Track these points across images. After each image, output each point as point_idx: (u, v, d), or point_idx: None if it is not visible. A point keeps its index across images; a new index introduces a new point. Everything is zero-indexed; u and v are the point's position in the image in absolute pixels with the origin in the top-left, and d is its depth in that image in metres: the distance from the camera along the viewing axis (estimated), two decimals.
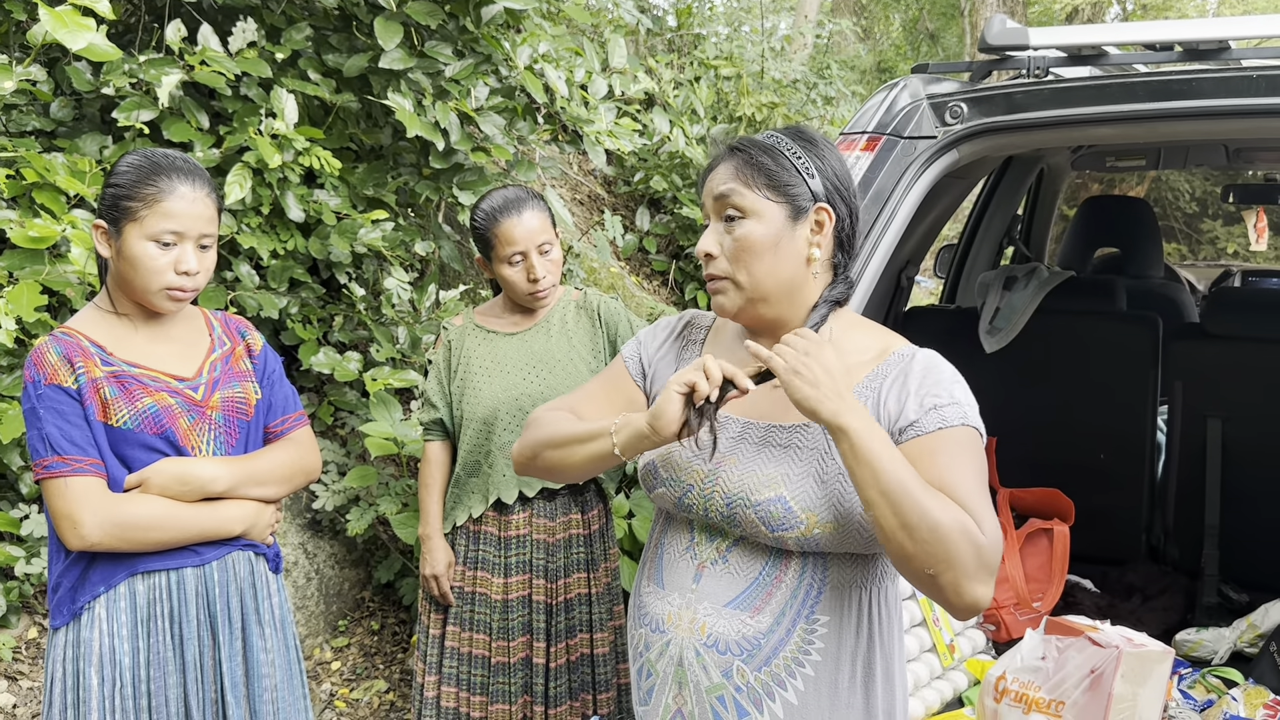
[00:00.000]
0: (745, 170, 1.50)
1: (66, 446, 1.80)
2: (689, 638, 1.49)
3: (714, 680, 1.47)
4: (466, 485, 2.58)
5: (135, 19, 3.57)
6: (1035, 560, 2.72)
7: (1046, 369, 3.08)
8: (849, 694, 1.47)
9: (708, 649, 1.48)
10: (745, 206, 1.48)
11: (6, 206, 2.93)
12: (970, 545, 1.30)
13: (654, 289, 6.17)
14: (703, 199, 1.55)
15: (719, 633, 1.47)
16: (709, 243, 1.51)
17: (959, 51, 17.27)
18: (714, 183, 1.52)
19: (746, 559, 1.48)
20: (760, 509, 1.44)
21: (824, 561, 1.46)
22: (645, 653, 1.57)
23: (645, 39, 7.07)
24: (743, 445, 1.51)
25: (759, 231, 1.48)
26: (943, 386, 1.43)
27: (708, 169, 1.55)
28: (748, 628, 1.46)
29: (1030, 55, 2.32)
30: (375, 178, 3.71)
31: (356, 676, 3.58)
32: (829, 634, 1.45)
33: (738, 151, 1.52)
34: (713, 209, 1.52)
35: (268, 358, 2.09)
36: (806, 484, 1.43)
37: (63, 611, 1.87)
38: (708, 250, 1.51)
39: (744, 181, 1.49)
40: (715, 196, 1.51)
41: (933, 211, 2.73)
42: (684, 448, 1.52)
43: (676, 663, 1.51)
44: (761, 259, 1.48)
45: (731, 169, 1.51)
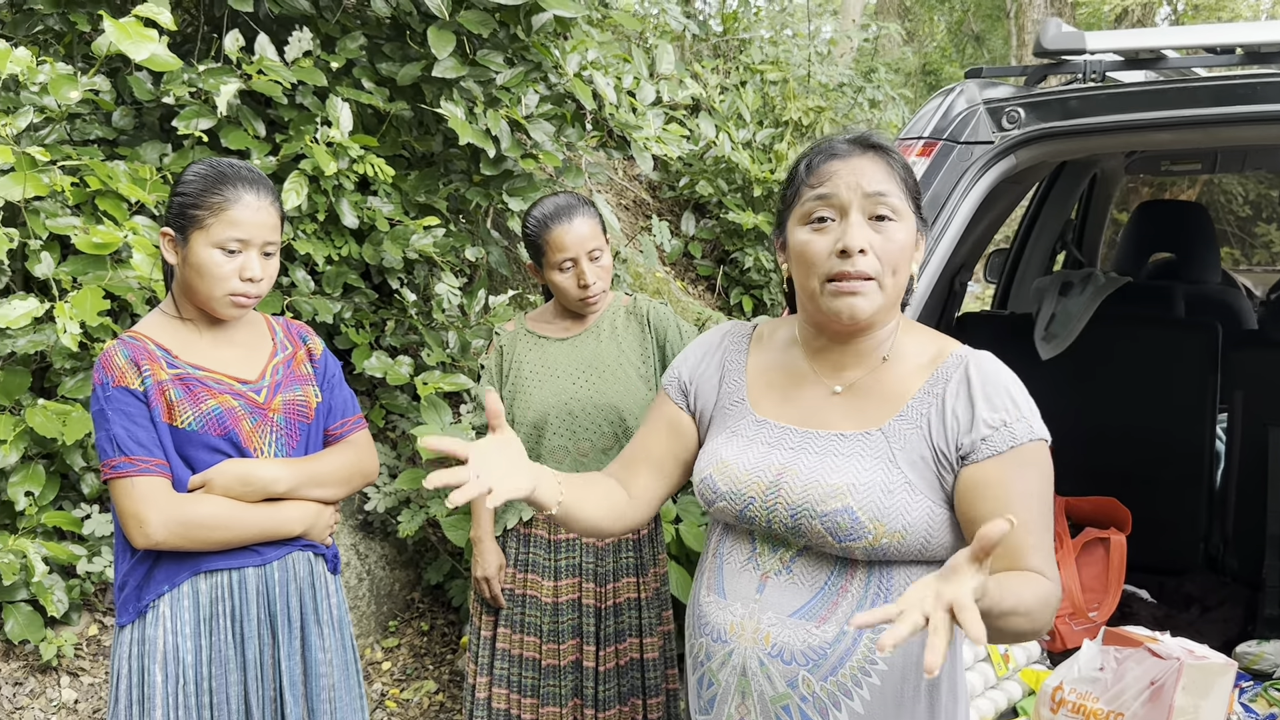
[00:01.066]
0: (900, 174, 1.48)
1: (133, 447, 1.84)
2: (752, 648, 1.49)
3: (779, 690, 1.47)
4: None
5: (194, 29, 3.64)
6: (1091, 570, 2.69)
7: (1103, 376, 3.05)
8: (913, 704, 1.46)
9: (772, 659, 1.47)
10: (898, 210, 1.46)
11: (71, 213, 3.00)
12: (1050, 610, 1.34)
13: (699, 294, 6.17)
14: (827, 189, 1.46)
15: (784, 642, 1.46)
16: (862, 237, 1.43)
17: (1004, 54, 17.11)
18: (862, 178, 1.45)
19: (811, 569, 1.47)
20: (827, 520, 1.43)
21: (889, 570, 1.45)
22: (706, 662, 1.56)
23: (691, 45, 7.08)
24: (804, 455, 1.49)
25: (907, 237, 1.47)
26: (1008, 397, 1.43)
27: (827, 156, 1.48)
28: (813, 637, 1.45)
29: (1087, 59, 2.30)
30: (427, 184, 3.76)
31: (407, 677, 3.61)
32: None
33: (888, 153, 1.49)
34: (860, 205, 1.44)
35: (328, 362, 2.13)
36: (873, 494, 1.42)
37: (129, 609, 1.91)
38: (863, 246, 1.42)
39: (897, 185, 1.47)
40: (868, 194, 1.44)
41: (987, 217, 2.72)
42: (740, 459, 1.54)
43: (740, 673, 1.50)
44: (904, 266, 1.48)
45: (885, 169, 1.47)
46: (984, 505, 1.39)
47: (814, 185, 1.47)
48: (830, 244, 1.44)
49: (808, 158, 1.51)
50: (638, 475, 1.69)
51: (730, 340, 1.68)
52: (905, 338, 1.53)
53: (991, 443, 1.40)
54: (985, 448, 1.40)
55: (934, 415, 1.45)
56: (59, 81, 2.87)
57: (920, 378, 1.48)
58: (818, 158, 1.49)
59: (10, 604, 2.97)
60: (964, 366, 1.46)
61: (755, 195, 5.95)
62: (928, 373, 1.48)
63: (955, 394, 1.45)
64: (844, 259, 1.42)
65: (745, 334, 1.68)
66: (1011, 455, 1.39)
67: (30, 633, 2.97)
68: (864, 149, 1.48)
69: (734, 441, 1.57)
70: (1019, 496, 1.38)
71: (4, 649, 3.03)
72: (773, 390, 1.59)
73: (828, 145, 1.50)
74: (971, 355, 1.49)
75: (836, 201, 1.45)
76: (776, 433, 1.54)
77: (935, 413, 1.45)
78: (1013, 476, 1.39)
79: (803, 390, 1.56)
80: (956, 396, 1.44)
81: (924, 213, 2.03)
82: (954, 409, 1.44)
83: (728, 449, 1.57)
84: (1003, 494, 1.38)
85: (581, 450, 2.53)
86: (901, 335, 1.53)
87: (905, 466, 1.43)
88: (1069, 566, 2.65)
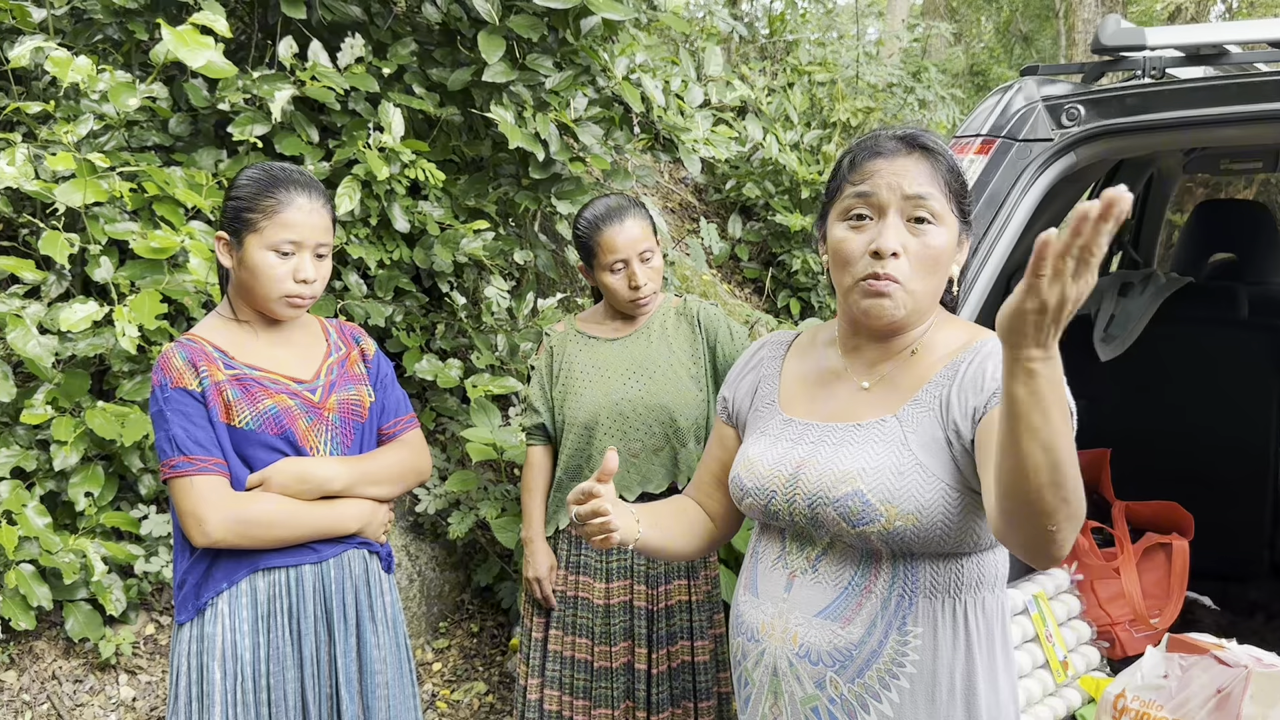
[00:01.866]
0: (946, 176, 1.45)
1: (192, 447, 1.87)
2: (782, 647, 1.49)
3: (808, 691, 1.46)
4: (568, 489, 2.60)
5: (248, 37, 3.69)
6: (1152, 576, 2.63)
7: (1164, 378, 2.99)
8: (948, 708, 1.43)
9: (800, 659, 1.47)
10: (938, 213, 1.43)
11: (129, 218, 3.05)
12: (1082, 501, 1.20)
13: (746, 296, 6.15)
14: (867, 187, 1.44)
15: (810, 643, 1.46)
16: (896, 240, 1.41)
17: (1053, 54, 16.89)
18: (903, 179, 1.43)
19: (835, 568, 1.46)
20: (839, 505, 1.42)
21: (914, 569, 1.43)
22: (743, 661, 1.57)
23: (738, 47, 7.06)
24: (822, 447, 1.49)
25: (944, 242, 1.44)
26: None
27: (871, 154, 1.46)
28: (839, 638, 1.44)
29: (1146, 55, 2.26)
30: (476, 188, 3.78)
31: (457, 678, 3.63)
32: (923, 645, 1.42)
33: (934, 154, 1.46)
34: (899, 207, 1.43)
35: (380, 363, 2.15)
36: (882, 477, 1.40)
37: (188, 607, 1.94)
38: (896, 249, 1.41)
39: (941, 188, 1.44)
40: (907, 195, 1.42)
41: (1044, 216, 2.67)
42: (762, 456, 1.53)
43: (771, 672, 1.50)
44: (938, 272, 1.46)
45: (928, 171, 1.44)
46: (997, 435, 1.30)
47: (855, 182, 1.46)
48: (865, 243, 1.43)
49: (852, 153, 1.49)
50: (710, 495, 1.75)
51: (768, 349, 1.70)
52: (938, 332, 1.52)
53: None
54: (996, 398, 1.34)
55: (949, 394, 1.42)
56: (118, 89, 2.93)
57: (943, 364, 1.46)
58: (862, 154, 1.47)
59: (70, 603, 3.02)
60: (986, 346, 1.43)
61: (803, 197, 5.92)
62: (951, 359, 1.46)
63: (966, 370, 1.42)
64: (876, 260, 1.42)
65: (784, 342, 1.70)
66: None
67: (90, 631, 3.02)
68: (910, 148, 1.45)
69: (761, 440, 1.59)
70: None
71: (64, 647, 3.09)
72: (806, 390, 1.60)
73: (873, 142, 1.48)
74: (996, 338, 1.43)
75: (876, 201, 1.44)
76: (800, 429, 1.54)
77: (955, 389, 1.41)
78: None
79: (834, 388, 1.56)
80: (968, 370, 1.42)
81: (981, 211, 2.00)
82: (969, 380, 1.40)
83: (754, 447, 1.58)
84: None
85: (632, 451, 2.52)
86: (934, 330, 1.52)
87: (917, 449, 1.41)
88: (1130, 572, 2.60)
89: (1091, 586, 2.58)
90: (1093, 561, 2.58)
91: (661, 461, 2.53)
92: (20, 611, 2.86)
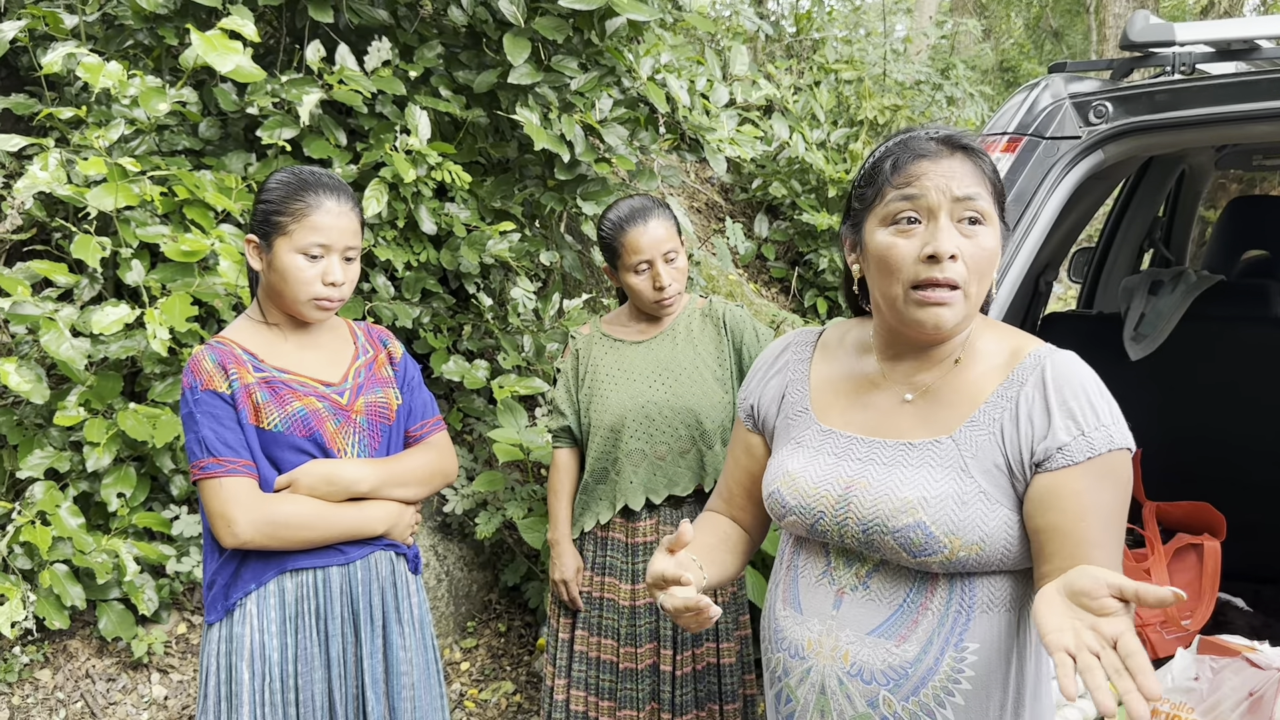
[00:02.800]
0: (991, 177, 1.42)
1: (221, 449, 1.89)
2: (831, 665, 1.45)
3: (859, 710, 1.43)
4: (595, 492, 2.60)
5: (276, 41, 3.72)
6: (1183, 577, 2.61)
7: (1195, 377, 2.95)
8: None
9: (851, 678, 1.43)
10: (987, 214, 1.39)
11: (160, 222, 3.08)
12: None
13: (772, 296, 6.13)
14: (915, 190, 1.38)
15: (863, 661, 1.42)
16: (952, 242, 1.35)
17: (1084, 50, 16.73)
18: (952, 181, 1.37)
19: (889, 585, 1.42)
20: (900, 535, 1.38)
21: (971, 585, 1.40)
22: (784, 678, 1.52)
23: (764, 46, 7.05)
24: (871, 467, 1.44)
25: (996, 245, 1.40)
26: (1087, 404, 1.35)
27: (915, 156, 1.40)
28: (893, 656, 1.40)
29: (1176, 51, 2.23)
30: (503, 190, 3.79)
31: (485, 677, 3.64)
32: (979, 661, 1.39)
33: (977, 155, 1.42)
34: (949, 209, 1.37)
35: (407, 365, 2.16)
36: (946, 506, 1.36)
37: (217, 608, 1.95)
38: (954, 252, 1.35)
39: (987, 189, 1.40)
40: (958, 197, 1.36)
41: (1073, 214, 2.65)
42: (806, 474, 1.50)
43: (819, 690, 1.46)
44: (990, 272, 1.41)
45: (975, 171, 1.40)
46: (1053, 516, 1.33)
47: (900, 186, 1.39)
48: (917, 248, 1.36)
49: (893, 155, 1.42)
50: (742, 509, 1.72)
51: (793, 351, 1.64)
52: (980, 338, 1.46)
53: (1068, 452, 1.33)
54: (1061, 457, 1.33)
55: (1008, 421, 1.38)
56: (148, 94, 2.96)
57: (995, 380, 1.42)
58: (905, 155, 1.40)
59: (103, 602, 3.06)
60: (1041, 368, 1.39)
61: (830, 196, 5.90)
62: (1003, 375, 1.41)
63: (1031, 398, 1.38)
64: (932, 264, 1.35)
65: (809, 342, 1.64)
66: (1088, 466, 1.32)
67: (122, 630, 3.06)
68: (953, 149, 1.40)
69: (799, 453, 1.53)
70: (1091, 510, 1.31)
71: (97, 646, 3.13)
72: (839, 398, 1.54)
73: (914, 143, 1.41)
74: (1050, 355, 1.41)
75: (925, 204, 1.37)
76: (843, 442, 1.49)
77: (1009, 418, 1.38)
78: (1086, 489, 1.32)
79: (872, 397, 1.50)
80: (1032, 401, 1.37)
81: (1008, 210, 1.98)
82: (1029, 414, 1.37)
83: (793, 461, 1.53)
84: (1075, 507, 1.32)
85: (658, 454, 2.52)
86: (976, 335, 1.46)
87: (979, 475, 1.37)
88: (1160, 573, 2.58)
89: None
90: (1124, 563, 2.56)
91: (688, 464, 2.52)
92: (54, 611, 2.90)
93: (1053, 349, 1.43)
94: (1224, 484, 2.79)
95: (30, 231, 3.17)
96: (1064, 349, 1.44)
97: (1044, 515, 1.34)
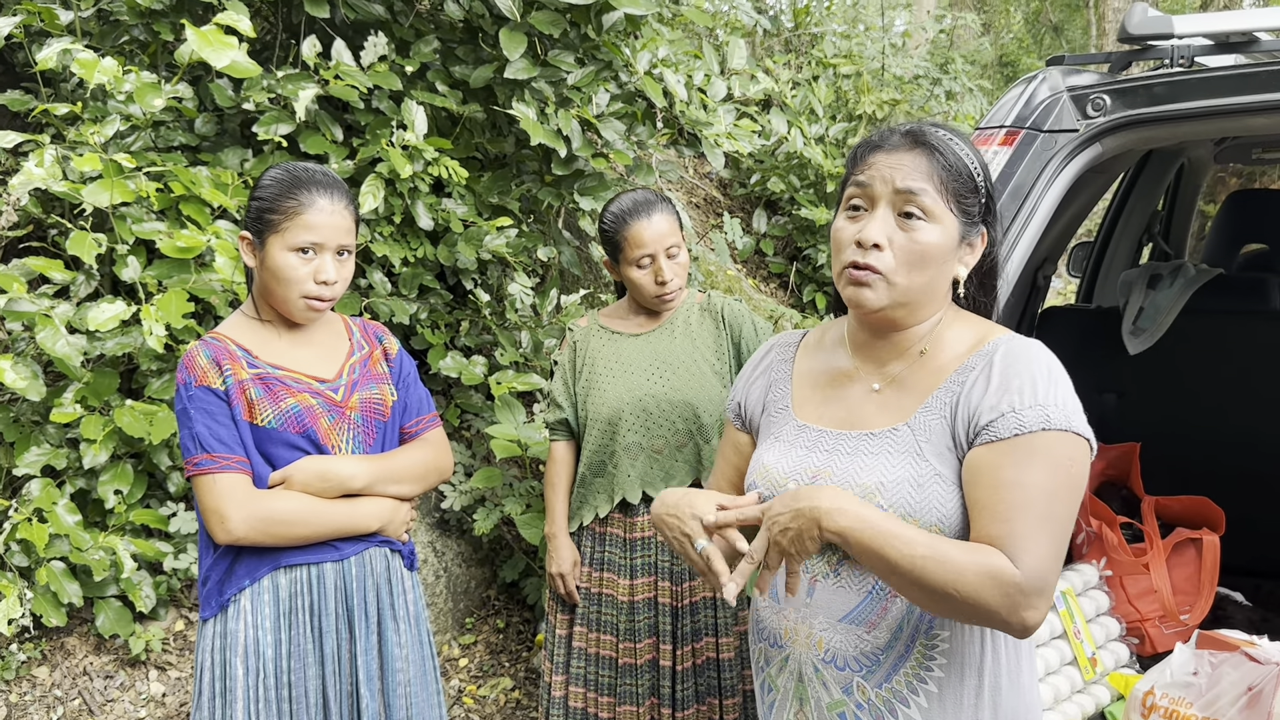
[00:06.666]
0: (942, 174, 1.43)
1: (215, 445, 1.88)
2: (806, 653, 1.47)
3: (834, 697, 1.45)
4: (592, 485, 2.60)
5: (272, 36, 3.71)
6: (1183, 571, 2.60)
7: (1194, 371, 2.94)
8: (975, 709, 1.42)
9: (826, 665, 1.45)
10: (932, 211, 1.42)
11: (156, 218, 3.08)
12: (999, 588, 1.26)
13: (771, 291, 6.13)
14: (864, 178, 1.44)
15: (836, 648, 1.44)
16: (879, 232, 1.41)
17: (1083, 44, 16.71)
18: (896, 173, 1.42)
19: (858, 572, 1.44)
20: None
21: None
22: (766, 668, 1.56)
23: (762, 40, 7.03)
24: (836, 457, 1.48)
25: (937, 240, 1.42)
26: (1027, 382, 1.36)
27: (873, 147, 1.46)
28: (865, 643, 1.43)
29: (1174, 44, 2.22)
30: (500, 185, 3.78)
31: (483, 674, 3.64)
32: (950, 649, 1.41)
33: (933, 151, 1.43)
34: (889, 199, 1.42)
35: (403, 361, 2.15)
36: (902, 490, 1.39)
37: (211, 604, 1.95)
38: (878, 241, 1.41)
39: (937, 185, 1.42)
40: (898, 189, 1.41)
41: (1071, 208, 2.64)
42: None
43: (796, 678, 1.49)
44: (928, 269, 1.43)
45: (925, 167, 1.42)
46: (975, 491, 1.35)
47: (856, 173, 1.47)
48: (854, 232, 1.43)
49: (860, 146, 1.50)
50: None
51: (777, 351, 1.69)
52: (948, 330, 1.49)
53: (994, 428, 1.34)
54: (987, 433, 1.35)
55: (958, 402, 1.40)
56: (144, 90, 2.95)
57: (950, 369, 1.44)
58: (864, 147, 1.48)
59: (101, 599, 3.06)
60: (996, 351, 1.41)
61: (828, 191, 5.89)
62: (960, 362, 1.44)
63: (974, 382, 1.40)
64: (859, 249, 1.42)
65: (793, 343, 1.68)
66: (1014, 442, 1.33)
67: (120, 627, 3.06)
68: (912, 144, 1.44)
69: (775, 447, 1.57)
70: (1010, 485, 1.31)
71: (95, 643, 3.13)
72: (816, 393, 1.58)
73: (879, 135, 1.48)
74: (1008, 340, 1.43)
75: (870, 192, 1.44)
76: (814, 436, 1.53)
77: (960, 399, 1.40)
78: (1009, 464, 1.32)
79: (845, 390, 1.54)
80: (975, 381, 1.40)
81: (1005, 203, 1.97)
82: (970, 392, 1.39)
83: (769, 454, 1.57)
84: (993, 480, 1.33)
85: (656, 447, 2.51)
86: (945, 326, 1.49)
87: (933, 458, 1.40)
88: (1159, 568, 2.57)
89: (1120, 582, 2.55)
90: (1122, 557, 2.55)
91: (685, 457, 2.52)
92: (51, 608, 2.90)
93: (1014, 335, 1.45)
94: (1224, 478, 2.79)
95: (26, 228, 3.16)
96: (1063, 342, 1.45)
97: (969, 490, 1.37)
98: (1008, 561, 1.27)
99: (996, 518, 1.31)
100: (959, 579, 1.26)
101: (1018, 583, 1.26)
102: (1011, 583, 1.26)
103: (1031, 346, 1.42)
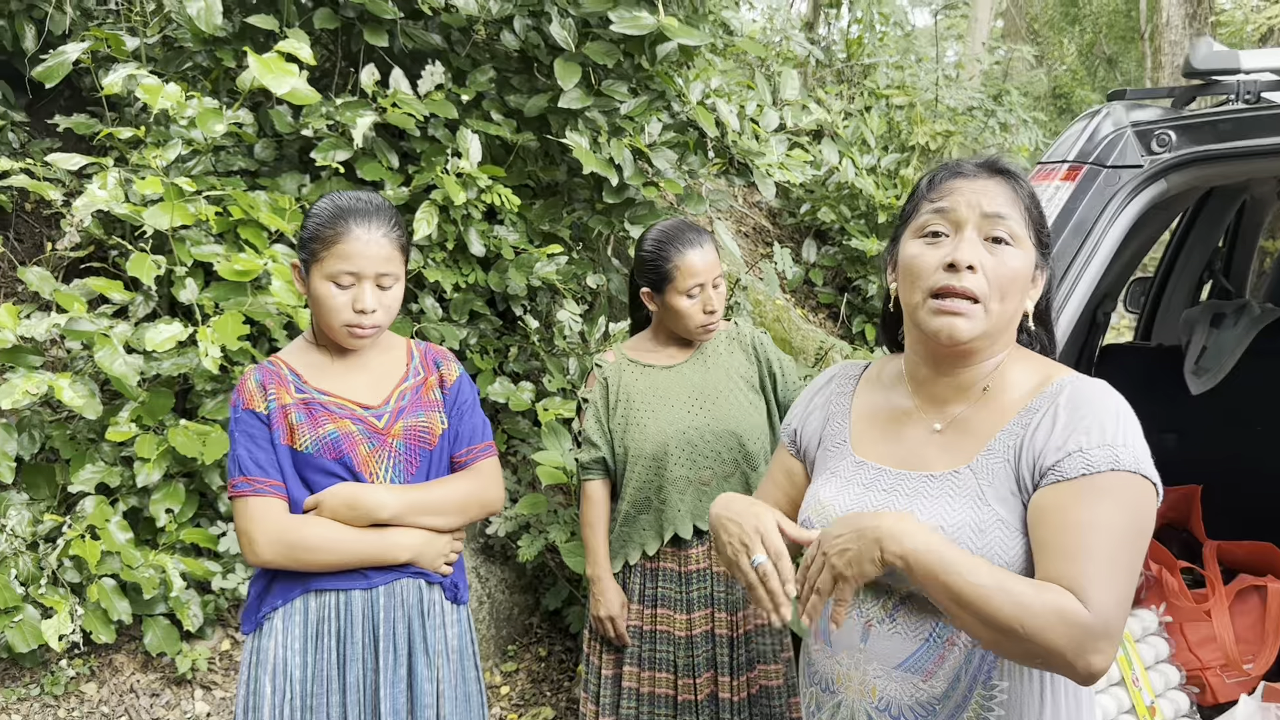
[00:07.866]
0: (1026, 202, 1.43)
1: (251, 468, 1.91)
2: (860, 700, 1.44)
3: None
4: (637, 522, 2.55)
5: (332, 64, 3.77)
6: (1246, 619, 2.52)
7: (1258, 412, 2.86)
8: None
9: (880, 713, 1.42)
10: (1016, 235, 1.41)
11: (214, 241, 3.12)
12: (1067, 628, 1.21)
13: (820, 321, 6.09)
14: (946, 204, 1.42)
15: (891, 696, 1.40)
16: (973, 254, 1.37)
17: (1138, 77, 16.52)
18: (983, 198, 1.40)
19: (915, 618, 1.40)
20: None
21: None
22: (817, 713, 1.52)
23: (814, 71, 7.03)
24: (895, 498, 1.45)
25: (1021, 265, 1.41)
26: (1095, 423, 1.32)
27: (952, 173, 1.45)
28: (921, 692, 1.38)
29: (1240, 79, 2.18)
30: (551, 213, 3.80)
31: (525, 702, 3.62)
32: (1009, 700, 1.36)
33: (1015, 179, 1.44)
34: (976, 224, 1.40)
35: (461, 388, 2.12)
36: (964, 535, 1.36)
37: (250, 621, 1.99)
38: (973, 263, 1.37)
39: (1019, 211, 1.42)
40: (987, 213, 1.39)
41: (1133, 244, 2.59)
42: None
43: None
44: (1015, 295, 1.41)
45: (1010, 194, 1.42)
46: (1041, 532, 1.31)
47: (933, 200, 1.44)
48: (940, 258, 1.39)
49: (931, 174, 1.48)
50: None
51: (838, 382, 1.66)
52: (1012, 368, 1.46)
53: (1061, 468, 1.31)
54: (1054, 473, 1.31)
55: (1021, 444, 1.37)
56: (205, 115, 3.00)
57: (1014, 410, 1.41)
58: (941, 174, 1.46)
59: (149, 617, 3.09)
60: (1061, 393, 1.38)
61: (879, 222, 5.85)
62: (1023, 404, 1.41)
63: (1040, 421, 1.37)
64: (951, 273, 1.37)
65: (854, 375, 1.65)
66: (1082, 483, 1.29)
67: (167, 646, 3.08)
68: (991, 172, 1.44)
69: (832, 482, 1.55)
70: (1077, 526, 1.27)
71: (142, 660, 3.15)
72: (875, 429, 1.55)
73: (955, 164, 1.47)
74: (1074, 381, 1.40)
75: (954, 217, 1.41)
76: (873, 474, 1.50)
77: (1024, 442, 1.37)
78: (1077, 504, 1.28)
79: (905, 429, 1.51)
80: (1040, 424, 1.37)
81: (1068, 239, 1.94)
82: (1034, 436, 1.36)
83: (826, 490, 1.54)
84: (1060, 521, 1.29)
85: (703, 479, 2.49)
86: (1007, 365, 1.46)
87: (996, 503, 1.36)
88: (1221, 615, 2.49)
89: (1181, 629, 2.48)
90: (1182, 603, 2.48)
91: (733, 487, 2.49)
92: (101, 625, 2.93)
93: (1080, 376, 1.42)
94: None
95: (88, 249, 3.22)
96: (1123, 381, 1.41)
97: (1034, 531, 1.33)
98: (1077, 602, 1.23)
99: (1065, 557, 1.27)
100: (1026, 615, 1.22)
101: (1086, 624, 1.22)
102: (1080, 624, 1.22)
103: (1099, 387, 1.38)
